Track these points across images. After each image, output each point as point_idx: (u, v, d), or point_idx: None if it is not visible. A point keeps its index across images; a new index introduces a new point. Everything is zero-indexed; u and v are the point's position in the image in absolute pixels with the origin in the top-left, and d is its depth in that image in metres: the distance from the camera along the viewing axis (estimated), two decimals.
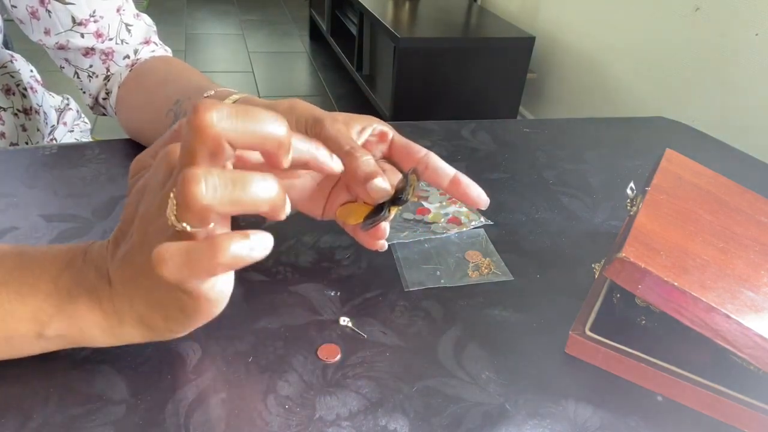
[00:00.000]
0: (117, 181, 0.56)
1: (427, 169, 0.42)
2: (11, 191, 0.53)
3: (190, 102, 0.50)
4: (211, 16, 3.92)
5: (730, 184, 0.51)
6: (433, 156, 0.42)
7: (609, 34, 1.99)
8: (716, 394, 0.37)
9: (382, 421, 0.35)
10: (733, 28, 1.50)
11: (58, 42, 0.62)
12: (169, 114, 0.52)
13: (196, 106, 0.26)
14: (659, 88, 1.78)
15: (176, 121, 0.51)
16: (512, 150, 0.69)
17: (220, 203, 0.26)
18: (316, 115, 0.40)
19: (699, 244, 0.41)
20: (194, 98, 0.50)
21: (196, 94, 0.50)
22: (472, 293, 0.46)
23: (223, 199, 0.26)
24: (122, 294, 0.33)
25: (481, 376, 0.39)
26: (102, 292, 0.33)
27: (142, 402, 0.35)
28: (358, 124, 0.42)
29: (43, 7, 0.60)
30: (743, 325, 0.35)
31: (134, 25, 0.65)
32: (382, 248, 0.42)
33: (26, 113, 0.77)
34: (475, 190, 0.42)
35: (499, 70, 2.21)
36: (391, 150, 0.43)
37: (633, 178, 0.58)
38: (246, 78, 2.99)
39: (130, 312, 0.33)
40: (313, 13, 3.50)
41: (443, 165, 0.42)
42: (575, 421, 0.36)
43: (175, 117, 0.52)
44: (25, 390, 0.35)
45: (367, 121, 0.43)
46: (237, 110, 0.27)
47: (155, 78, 0.61)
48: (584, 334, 0.41)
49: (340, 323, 0.42)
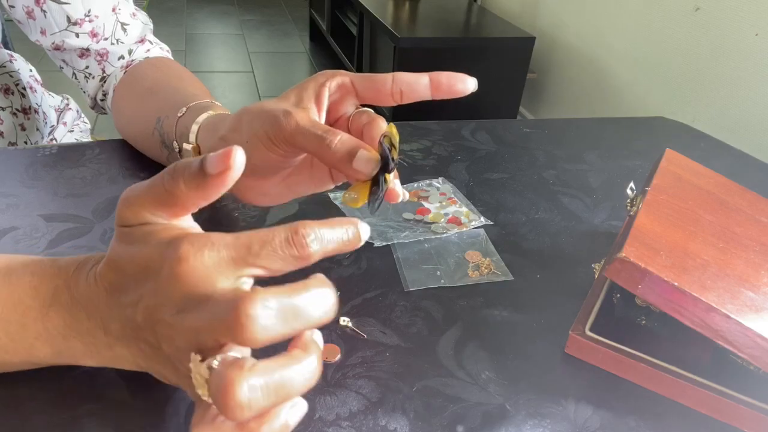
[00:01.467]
0: (117, 181, 0.56)
1: (403, 94, 0.38)
2: (11, 191, 0.53)
3: (168, 122, 0.50)
4: (211, 16, 3.92)
5: (730, 184, 0.51)
6: (400, 75, 0.38)
7: (609, 34, 1.99)
8: (716, 394, 0.37)
9: (382, 421, 0.35)
10: (733, 28, 1.50)
11: (54, 42, 0.62)
12: (154, 133, 0.53)
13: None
14: (659, 88, 1.78)
15: (162, 141, 0.51)
16: (512, 150, 0.69)
17: (263, 404, 0.24)
18: (269, 120, 0.37)
19: (699, 244, 0.41)
20: (171, 116, 0.50)
21: (172, 112, 0.50)
22: (472, 293, 0.46)
23: (266, 400, 0.24)
24: (125, 349, 0.31)
25: (481, 376, 0.39)
26: (98, 340, 0.31)
27: (142, 402, 0.35)
28: (311, 93, 0.38)
29: (38, 7, 0.60)
30: (743, 325, 0.35)
31: (130, 24, 0.65)
32: (406, 197, 0.39)
33: (25, 113, 0.77)
34: (455, 77, 0.38)
35: (499, 70, 2.21)
36: (358, 95, 0.40)
37: (633, 178, 0.59)
38: (246, 78, 2.99)
39: (133, 361, 0.31)
40: (313, 13, 3.50)
41: (414, 78, 0.38)
42: (575, 421, 0.36)
43: (160, 137, 0.51)
44: (25, 390, 0.35)
45: (317, 81, 0.39)
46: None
47: (142, 87, 0.61)
48: (584, 334, 0.41)
49: (340, 323, 0.42)
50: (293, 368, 0.25)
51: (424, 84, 0.38)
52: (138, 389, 0.36)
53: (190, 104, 0.49)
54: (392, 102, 0.38)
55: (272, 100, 0.39)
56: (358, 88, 0.39)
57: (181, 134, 0.48)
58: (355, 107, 0.41)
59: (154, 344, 0.29)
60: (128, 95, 0.62)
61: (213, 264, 0.27)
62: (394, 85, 0.38)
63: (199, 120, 0.46)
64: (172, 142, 0.49)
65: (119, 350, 0.31)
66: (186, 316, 0.27)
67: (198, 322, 0.26)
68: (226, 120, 0.42)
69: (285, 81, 3.06)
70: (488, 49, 2.17)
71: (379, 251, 0.50)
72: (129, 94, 0.62)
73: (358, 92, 0.40)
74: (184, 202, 0.29)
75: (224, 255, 0.27)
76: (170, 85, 0.58)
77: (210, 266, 0.27)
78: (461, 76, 0.38)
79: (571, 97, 2.24)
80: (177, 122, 0.48)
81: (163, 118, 0.51)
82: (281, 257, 0.27)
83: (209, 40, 3.51)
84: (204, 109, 0.48)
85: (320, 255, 0.27)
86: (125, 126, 0.62)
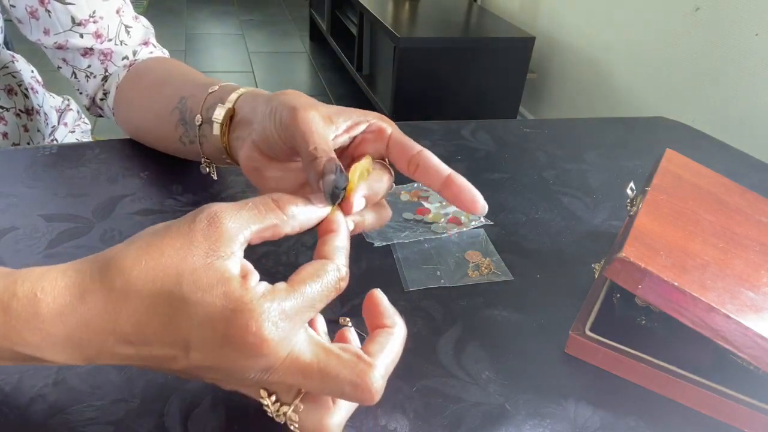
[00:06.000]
0: (117, 181, 0.56)
1: (419, 169, 0.37)
2: (11, 191, 0.53)
3: (194, 99, 0.50)
4: (211, 16, 3.92)
5: (730, 184, 0.51)
6: (426, 154, 0.38)
7: (609, 34, 1.99)
8: (716, 394, 0.37)
9: (382, 421, 0.35)
10: (733, 28, 1.50)
11: (56, 42, 0.62)
12: (174, 112, 0.52)
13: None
14: (659, 88, 1.78)
15: (181, 119, 0.51)
16: (512, 150, 0.69)
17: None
18: (294, 103, 0.37)
19: (699, 244, 0.41)
20: (198, 95, 0.50)
21: (199, 91, 0.50)
22: (472, 293, 0.46)
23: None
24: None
25: (481, 376, 0.39)
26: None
27: (142, 402, 0.35)
28: (348, 117, 0.38)
29: (42, 7, 0.60)
30: (743, 325, 0.35)
31: (133, 27, 0.65)
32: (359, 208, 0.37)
33: (28, 114, 0.77)
34: (469, 192, 0.36)
35: (499, 70, 2.21)
36: (388, 148, 0.39)
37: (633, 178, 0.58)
38: (246, 78, 2.99)
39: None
40: (313, 13, 3.50)
41: (437, 164, 0.37)
42: (575, 421, 0.36)
43: (180, 114, 0.51)
44: (25, 390, 0.35)
45: (363, 115, 0.39)
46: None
47: (154, 77, 0.61)
48: (584, 334, 0.41)
49: (340, 323, 0.42)
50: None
51: (441, 174, 0.37)
52: (138, 389, 0.36)
53: (221, 84, 0.49)
54: (405, 170, 0.38)
55: (313, 100, 0.39)
56: (392, 141, 0.39)
57: (210, 106, 0.48)
58: (377, 153, 0.40)
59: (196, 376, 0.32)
60: (137, 87, 0.62)
61: (289, 335, 0.29)
62: (417, 156, 0.37)
63: (240, 90, 0.46)
64: (194, 117, 0.49)
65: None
66: (269, 376, 0.30)
67: (295, 381, 0.30)
68: (271, 95, 0.42)
69: (285, 81, 3.06)
70: (488, 49, 2.17)
71: (379, 251, 0.50)
72: (138, 86, 0.62)
73: (389, 143, 0.39)
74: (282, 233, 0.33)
75: (297, 321, 0.29)
76: (187, 74, 0.58)
77: (287, 337, 0.29)
78: (476, 194, 0.37)
79: (571, 97, 2.24)
80: (206, 98, 0.48)
81: (188, 96, 0.51)
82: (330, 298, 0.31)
83: (209, 40, 3.51)
84: (234, 89, 0.48)
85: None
86: (130, 115, 0.62)
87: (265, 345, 0.27)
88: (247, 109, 0.44)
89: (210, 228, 0.29)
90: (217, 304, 0.27)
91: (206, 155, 0.50)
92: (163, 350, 0.29)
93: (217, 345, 0.28)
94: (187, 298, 0.28)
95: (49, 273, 0.29)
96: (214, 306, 0.27)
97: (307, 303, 0.29)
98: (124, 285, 0.28)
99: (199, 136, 0.49)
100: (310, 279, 0.30)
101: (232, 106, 0.45)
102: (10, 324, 0.28)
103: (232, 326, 0.27)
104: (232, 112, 0.45)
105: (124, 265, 0.28)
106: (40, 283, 0.28)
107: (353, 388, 0.29)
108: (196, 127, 0.49)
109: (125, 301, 0.28)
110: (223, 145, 0.46)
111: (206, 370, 0.30)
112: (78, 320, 0.28)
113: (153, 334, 0.28)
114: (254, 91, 0.46)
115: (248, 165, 0.42)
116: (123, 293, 0.28)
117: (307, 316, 0.30)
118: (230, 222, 0.29)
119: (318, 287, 0.30)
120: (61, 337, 0.28)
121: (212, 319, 0.27)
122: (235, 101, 0.45)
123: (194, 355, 0.28)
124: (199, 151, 0.50)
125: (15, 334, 0.28)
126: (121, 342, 0.28)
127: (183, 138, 0.52)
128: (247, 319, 0.27)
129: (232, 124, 0.45)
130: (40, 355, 0.29)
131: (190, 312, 0.28)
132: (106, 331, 0.28)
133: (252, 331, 0.27)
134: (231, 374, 0.30)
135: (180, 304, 0.28)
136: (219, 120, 0.45)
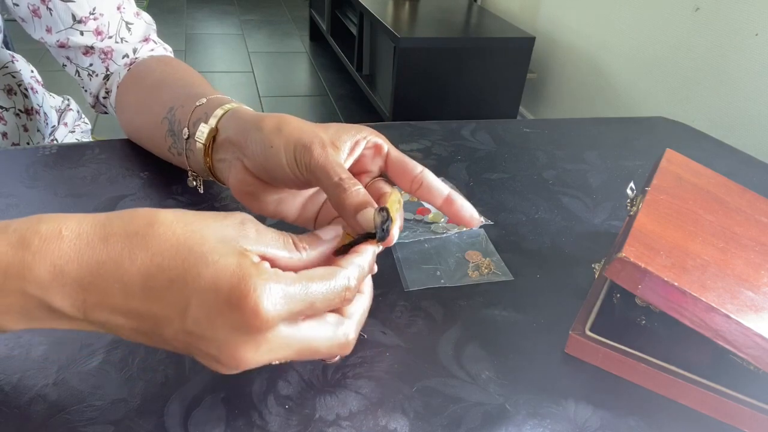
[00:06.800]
0: (117, 181, 0.56)
1: (422, 187, 0.40)
2: (11, 191, 0.53)
3: (182, 110, 0.50)
4: (211, 16, 3.92)
5: (730, 184, 0.51)
6: (428, 174, 0.41)
7: (609, 34, 1.99)
8: (716, 394, 0.37)
9: (382, 421, 0.35)
10: (733, 28, 1.50)
11: (59, 40, 0.63)
12: (163, 122, 0.52)
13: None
14: (659, 88, 1.78)
15: (170, 129, 0.51)
16: (512, 150, 0.69)
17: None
18: (304, 141, 0.38)
19: (699, 244, 0.41)
20: (187, 105, 0.49)
21: (188, 101, 0.49)
22: (472, 293, 0.46)
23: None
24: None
25: (481, 376, 0.39)
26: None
27: (142, 402, 0.35)
28: (349, 138, 0.40)
29: (44, 5, 0.61)
30: (743, 325, 0.35)
31: (134, 24, 0.65)
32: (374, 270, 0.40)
33: (28, 114, 0.77)
34: (468, 210, 0.41)
35: (499, 70, 2.21)
36: (387, 165, 0.42)
37: (633, 178, 0.59)
38: (246, 78, 2.99)
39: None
40: (313, 13, 3.50)
41: (438, 184, 0.41)
42: (575, 421, 0.36)
43: (169, 125, 0.51)
44: (25, 390, 0.35)
45: (359, 132, 0.40)
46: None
47: (151, 79, 0.61)
48: (584, 334, 0.41)
49: None
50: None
51: (442, 193, 0.41)
52: (138, 389, 0.36)
53: (210, 96, 0.49)
54: (408, 188, 0.41)
55: (312, 124, 0.40)
56: (390, 158, 0.41)
57: (196, 121, 0.47)
58: (379, 171, 0.42)
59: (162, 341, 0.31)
60: (135, 88, 0.62)
61: (284, 318, 0.30)
62: (420, 176, 0.40)
63: (226, 107, 0.46)
64: (182, 129, 0.49)
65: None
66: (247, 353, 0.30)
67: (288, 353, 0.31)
68: (259, 118, 0.42)
69: (285, 81, 3.06)
70: (488, 49, 2.17)
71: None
72: (135, 88, 0.62)
73: (388, 160, 0.41)
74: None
75: (294, 309, 0.30)
76: (182, 78, 0.58)
77: (279, 318, 0.30)
78: (473, 211, 0.41)
79: (571, 97, 2.24)
80: (194, 110, 0.48)
81: (177, 107, 0.51)
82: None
83: (209, 40, 3.51)
84: (225, 101, 0.48)
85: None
86: (131, 118, 0.62)
87: (259, 318, 0.28)
88: (233, 131, 0.43)
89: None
90: (229, 270, 0.29)
91: (192, 169, 0.50)
92: (162, 309, 0.29)
93: (215, 310, 0.29)
94: (205, 258, 0.29)
95: (76, 215, 0.31)
96: (225, 270, 0.29)
97: (308, 297, 0.30)
98: (149, 230, 0.30)
99: (185, 149, 0.48)
100: (318, 278, 0.31)
101: (215, 126, 0.45)
102: (26, 261, 0.29)
103: (235, 291, 0.28)
104: (215, 132, 0.44)
105: (156, 214, 0.30)
106: (67, 222, 0.30)
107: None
108: (183, 140, 0.49)
109: (142, 248, 0.29)
110: (206, 165, 0.45)
111: (196, 338, 0.30)
112: (93, 261, 0.29)
113: (158, 289, 0.29)
114: (239, 111, 0.45)
115: (241, 189, 0.42)
116: (143, 239, 0.29)
117: (305, 310, 0.30)
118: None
119: (323, 287, 0.31)
120: (71, 277, 0.29)
121: (219, 281, 0.28)
122: (220, 118, 0.45)
123: (189, 319, 0.29)
124: (187, 164, 0.49)
125: (28, 272, 0.29)
126: (124, 294, 0.29)
127: (171, 149, 0.51)
128: (250, 289, 0.28)
129: (215, 144, 0.44)
130: (46, 297, 0.29)
131: (201, 272, 0.29)
132: (114, 278, 0.29)
133: (252, 300, 0.28)
134: (220, 347, 0.30)
135: (195, 260, 0.29)
136: (201, 141, 0.44)
